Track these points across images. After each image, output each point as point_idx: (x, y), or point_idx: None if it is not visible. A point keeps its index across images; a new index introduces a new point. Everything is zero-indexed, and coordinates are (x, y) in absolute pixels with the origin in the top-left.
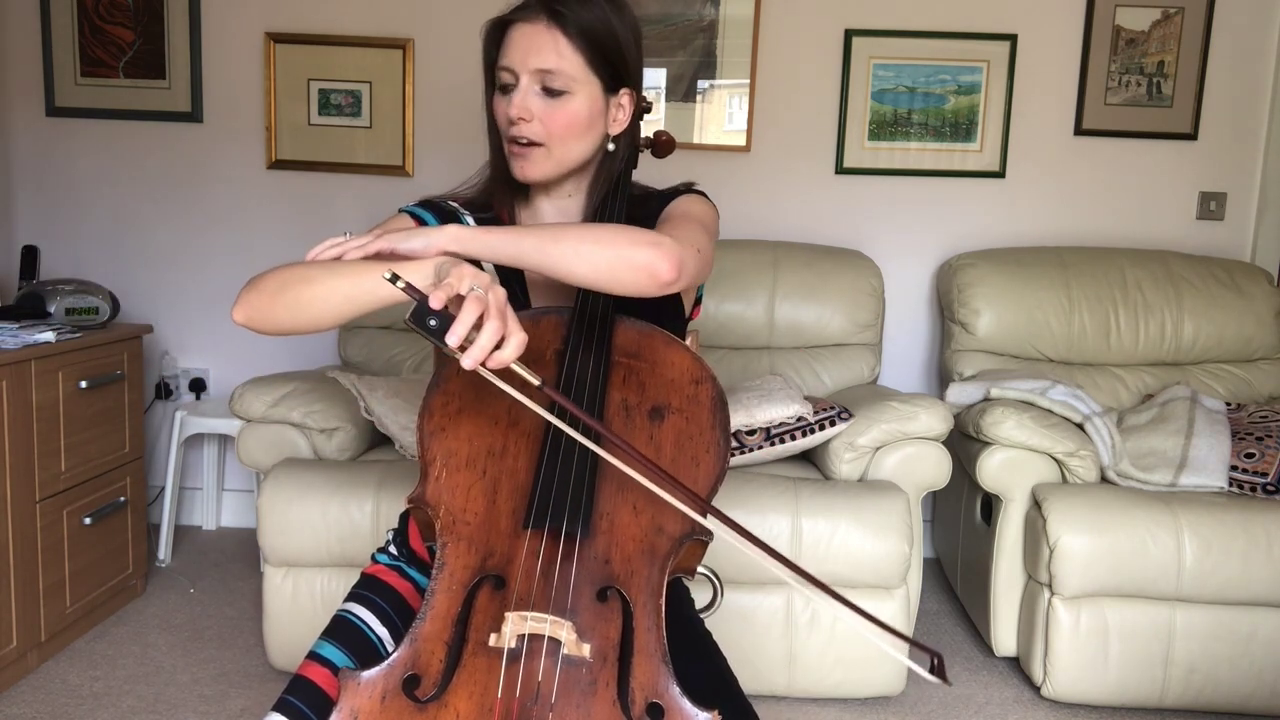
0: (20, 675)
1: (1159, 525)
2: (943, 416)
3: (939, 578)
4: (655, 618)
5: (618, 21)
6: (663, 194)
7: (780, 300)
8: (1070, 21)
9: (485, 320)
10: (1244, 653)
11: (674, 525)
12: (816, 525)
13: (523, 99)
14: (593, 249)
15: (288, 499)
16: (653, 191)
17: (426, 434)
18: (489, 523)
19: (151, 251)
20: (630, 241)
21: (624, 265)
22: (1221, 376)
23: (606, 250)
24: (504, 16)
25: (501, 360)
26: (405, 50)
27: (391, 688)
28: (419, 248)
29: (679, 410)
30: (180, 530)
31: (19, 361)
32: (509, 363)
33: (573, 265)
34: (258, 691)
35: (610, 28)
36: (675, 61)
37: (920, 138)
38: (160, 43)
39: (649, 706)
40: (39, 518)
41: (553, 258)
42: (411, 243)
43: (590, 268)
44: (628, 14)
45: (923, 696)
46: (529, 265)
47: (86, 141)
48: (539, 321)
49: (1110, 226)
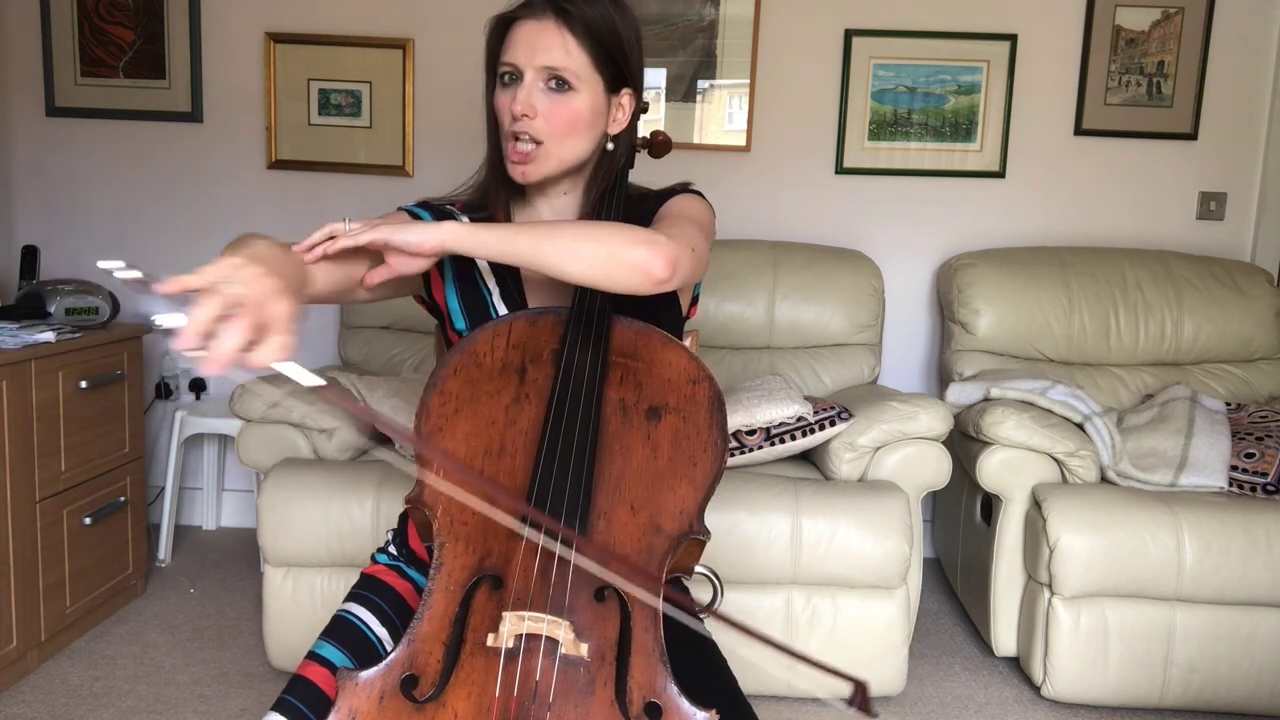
0: (20, 675)
1: (1159, 525)
2: (943, 416)
3: (939, 578)
4: (653, 617)
5: (621, 21)
6: (659, 194)
7: (780, 300)
8: (1070, 21)
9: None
10: (1244, 653)
11: (671, 524)
12: (816, 525)
13: (527, 95)
14: (587, 246)
15: (288, 499)
16: (649, 192)
17: (424, 434)
18: (486, 523)
19: (151, 251)
20: (626, 240)
21: (618, 263)
22: (1221, 376)
23: (601, 248)
24: (509, 13)
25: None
26: (405, 50)
27: (389, 688)
28: (414, 241)
29: (676, 410)
30: (180, 530)
31: (19, 361)
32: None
33: (566, 262)
34: (257, 691)
35: (614, 27)
36: (675, 61)
37: (920, 138)
38: (160, 43)
39: (647, 706)
40: (39, 518)
41: (547, 255)
42: (407, 235)
43: (584, 265)
44: (630, 14)
45: (923, 696)
46: (524, 262)
47: (86, 141)
48: (536, 321)
49: (1110, 226)
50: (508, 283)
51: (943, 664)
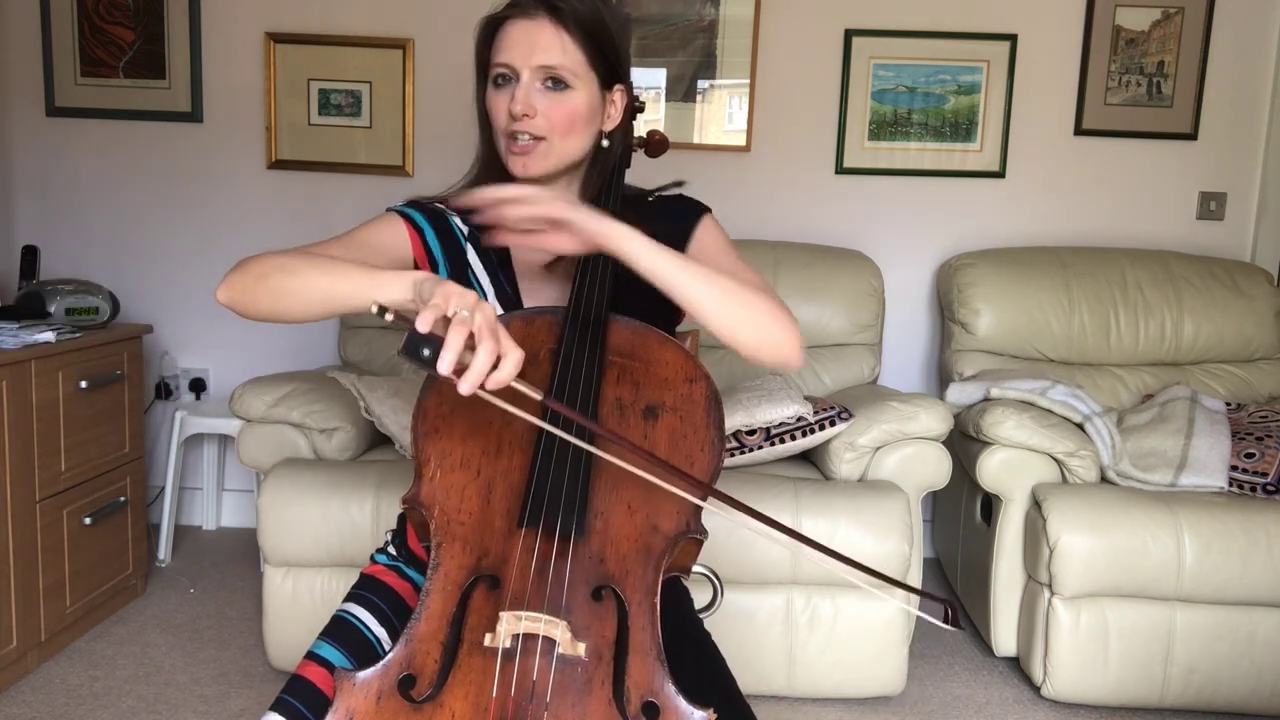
0: (20, 675)
1: (1159, 525)
2: (943, 416)
3: (939, 578)
4: (650, 616)
5: (609, 15)
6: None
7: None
8: (1070, 21)
9: (477, 342)
10: (1244, 653)
11: (668, 524)
12: (817, 525)
13: (526, 95)
14: (740, 312)
15: (288, 499)
16: (643, 192)
17: (421, 435)
18: (483, 523)
19: (151, 251)
20: (768, 315)
21: (766, 338)
22: (1221, 376)
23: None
24: (498, 14)
25: (500, 381)
26: (405, 50)
27: (387, 688)
28: (594, 230)
29: (673, 409)
30: (180, 530)
31: (19, 361)
32: (507, 382)
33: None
34: (257, 691)
35: (604, 21)
36: (675, 61)
37: (920, 138)
38: (160, 43)
39: (644, 705)
40: (39, 518)
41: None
42: (590, 222)
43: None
44: (615, 7)
45: (923, 696)
46: (688, 296)
47: (86, 141)
48: (533, 322)
49: (1110, 226)
50: (502, 282)
51: (943, 664)
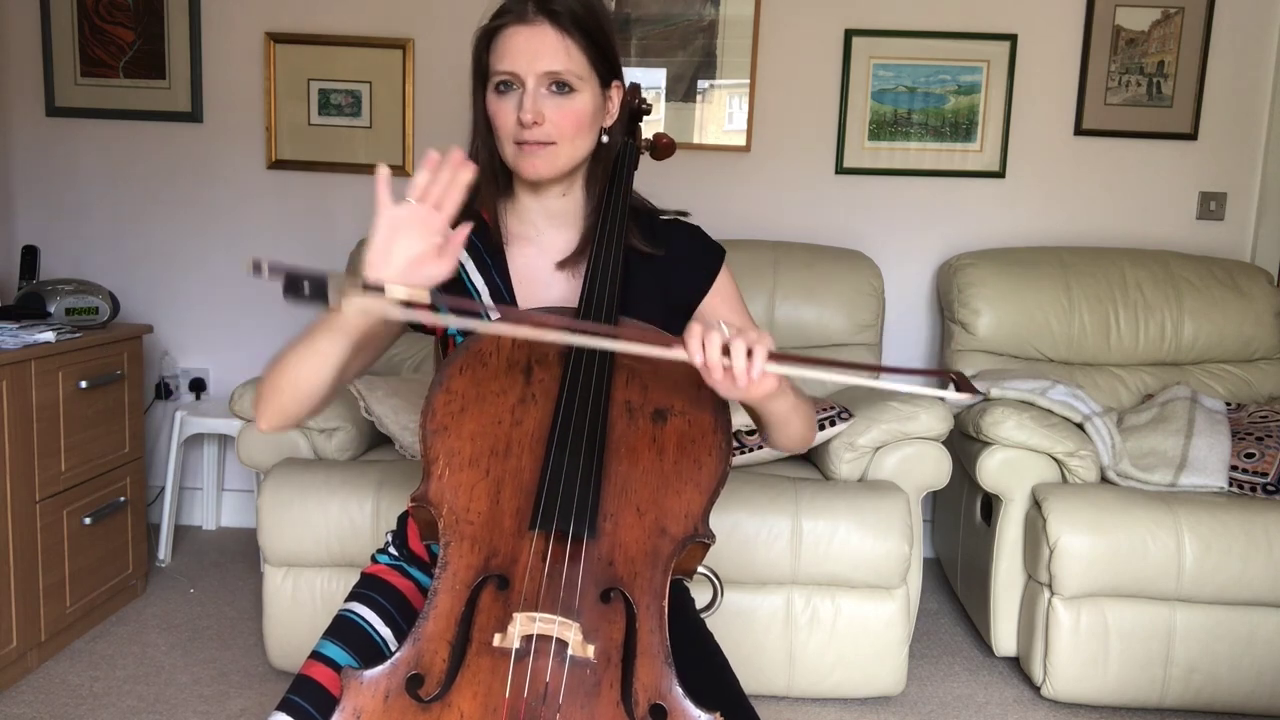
0: (20, 675)
1: (1159, 525)
2: (943, 416)
3: (939, 578)
4: (658, 619)
5: (601, 12)
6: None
7: (780, 300)
8: (1070, 21)
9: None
10: (1244, 653)
11: (677, 527)
12: (816, 525)
13: (534, 102)
14: (800, 432)
15: (288, 499)
16: (652, 208)
17: (429, 433)
18: (492, 522)
19: (151, 251)
20: (811, 432)
21: (796, 445)
22: (1221, 376)
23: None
24: (493, 23)
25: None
26: (405, 50)
27: (395, 687)
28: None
29: (682, 413)
30: (180, 530)
31: (19, 361)
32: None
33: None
34: (258, 691)
35: (599, 19)
36: (675, 61)
37: (920, 138)
38: (160, 43)
39: (652, 708)
40: (39, 518)
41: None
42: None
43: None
44: (602, 3)
45: (923, 696)
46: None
47: (86, 141)
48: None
49: (1110, 226)
50: (497, 283)
51: (943, 664)
